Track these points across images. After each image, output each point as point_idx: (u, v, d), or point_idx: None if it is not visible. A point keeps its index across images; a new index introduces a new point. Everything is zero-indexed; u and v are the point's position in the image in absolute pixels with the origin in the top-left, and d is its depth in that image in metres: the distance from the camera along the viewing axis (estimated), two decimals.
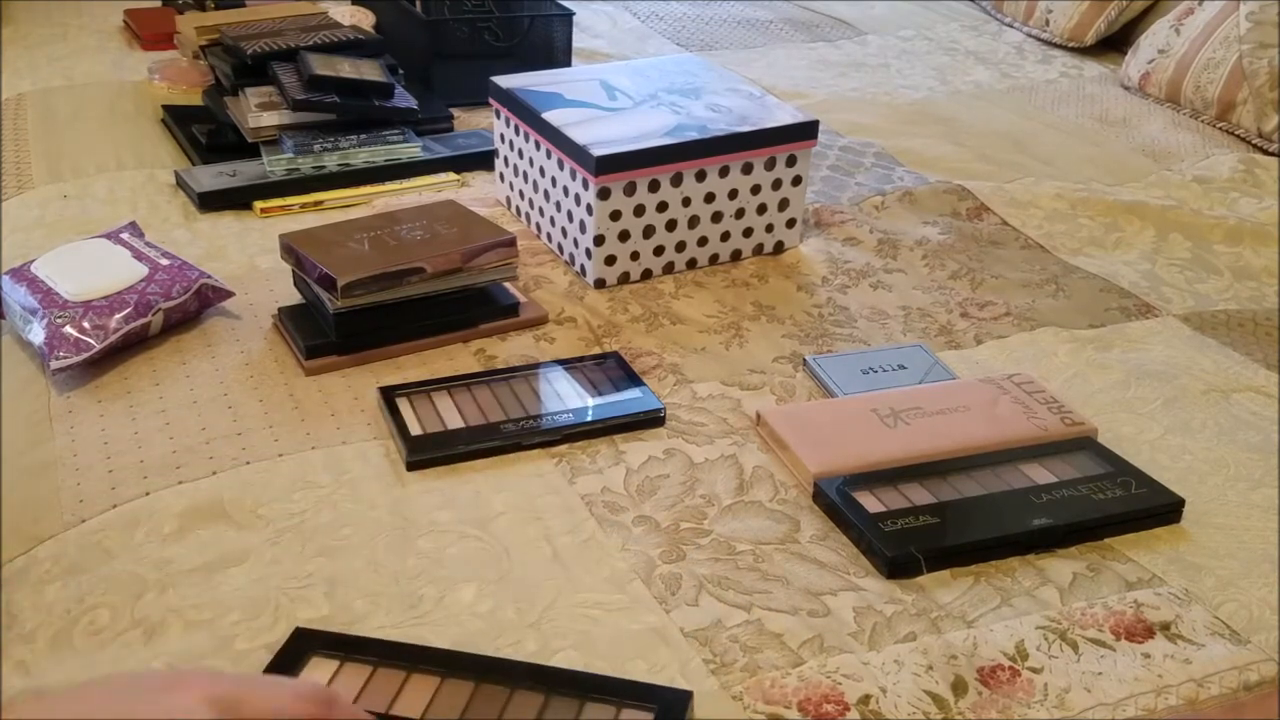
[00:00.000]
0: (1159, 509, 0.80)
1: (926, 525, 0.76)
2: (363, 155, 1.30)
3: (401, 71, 1.43)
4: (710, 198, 1.11)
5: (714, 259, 1.15)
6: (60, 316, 0.93)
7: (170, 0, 1.86)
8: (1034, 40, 1.96)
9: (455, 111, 1.46)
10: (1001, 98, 1.69)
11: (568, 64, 1.60)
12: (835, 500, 0.78)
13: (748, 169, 1.12)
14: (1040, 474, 0.82)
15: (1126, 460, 0.84)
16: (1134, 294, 1.13)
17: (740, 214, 1.14)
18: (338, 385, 0.93)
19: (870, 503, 0.78)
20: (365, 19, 1.70)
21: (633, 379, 0.93)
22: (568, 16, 1.61)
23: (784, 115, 1.14)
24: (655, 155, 1.06)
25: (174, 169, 1.30)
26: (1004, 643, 0.69)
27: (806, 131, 1.14)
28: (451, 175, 1.33)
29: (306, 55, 1.33)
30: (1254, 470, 0.87)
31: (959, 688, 0.66)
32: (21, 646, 0.66)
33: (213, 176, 1.26)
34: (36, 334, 0.92)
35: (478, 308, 1.01)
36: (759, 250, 1.17)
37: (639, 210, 1.08)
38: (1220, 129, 1.56)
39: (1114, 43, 1.88)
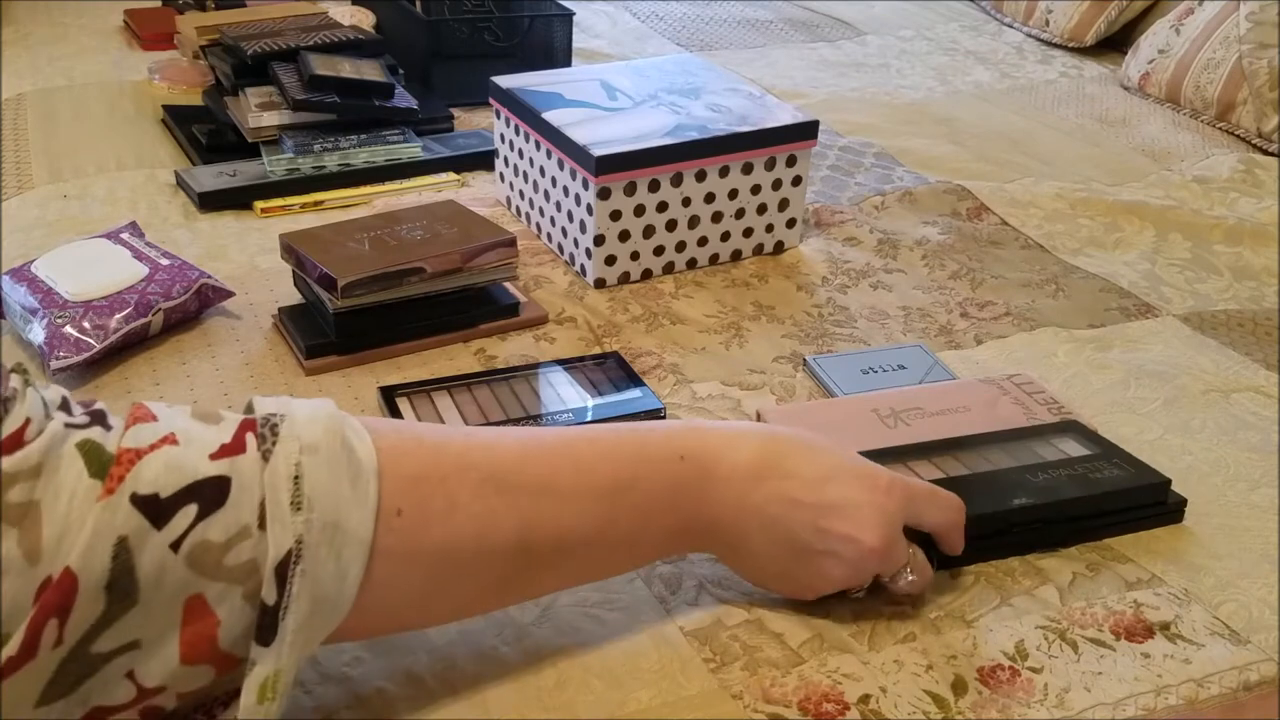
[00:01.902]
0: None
1: None
2: (363, 155, 1.30)
3: (401, 71, 1.43)
4: (710, 198, 1.12)
5: (714, 259, 1.15)
6: (60, 316, 0.93)
7: (170, 0, 1.86)
8: (1034, 40, 1.96)
9: (455, 111, 1.47)
10: (1001, 98, 1.69)
11: (568, 64, 1.60)
12: None
13: (748, 169, 1.12)
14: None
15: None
16: (1134, 294, 1.13)
17: (740, 214, 1.14)
18: (338, 385, 0.93)
19: None
20: (365, 19, 1.70)
21: (633, 379, 0.93)
22: (568, 16, 1.61)
23: (784, 115, 1.14)
24: (655, 155, 1.06)
25: (174, 169, 1.30)
26: (1004, 642, 0.69)
27: (806, 131, 1.14)
28: (451, 175, 1.33)
29: (307, 55, 1.33)
30: (1254, 470, 0.87)
31: (959, 687, 0.66)
32: None
33: (213, 176, 1.26)
34: (36, 334, 0.92)
35: (478, 308, 1.01)
36: (759, 250, 1.17)
37: (639, 210, 1.08)
38: (1220, 129, 1.56)
39: (1114, 43, 1.88)
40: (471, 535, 0.57)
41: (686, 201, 1.10)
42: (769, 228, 1.17)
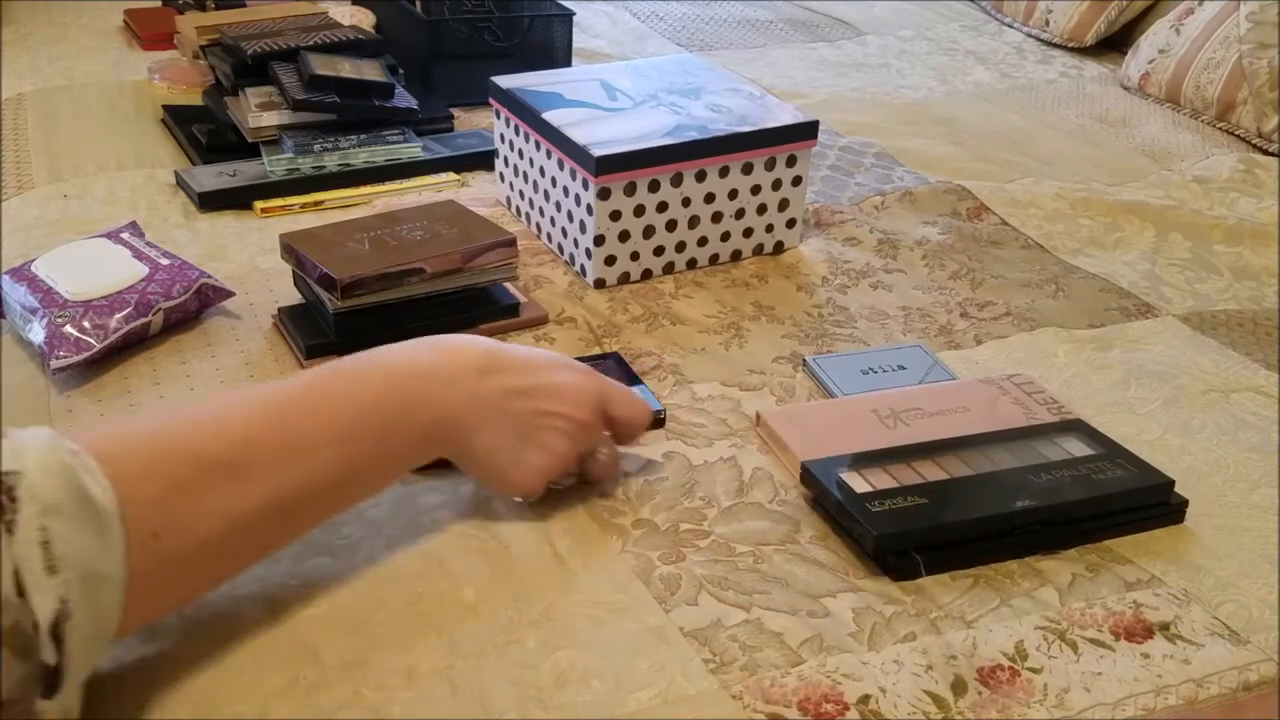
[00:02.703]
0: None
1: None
2: (363, 155, 1.30)
3: (401, 71, 1.43)
4: (710, 198, 1.12)
5: (714, 259, 1.15)
6: (60, 316, 0.93)
7: (170, 0, 1.86)
8: (1034, 40, 1.96)
9: (455, 111, 1.46)
10: (1001, 98, 1.69)
11: (568, 64, 1.60)
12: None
13: (748, 169, 1.12)
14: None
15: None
16: (1134, 294, 1.13)
17: (740, 214, 1.14)
18: None
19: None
20: (365, 19, 1.70)
21: (632, 379, 0.93)
22: (568, 16, 1.61)
23: (784, 115, 1.14)
24: (655, 155, 1.06)
25: (174, 169, 1.30)
26: (1003, 643, 0.69)
27: (806, 131, 1.14)
28: (451, 175, 1.33)
29: (307, 55, 1.33)
30: (1254, 470, 0.87)
31: (959, 688, 0.66)
32: None
33: (213, 176, 1.26)
34: (36, 333, 0.92)
35: (478, 308, 1.01)
36: (759, 250, 1.17)
37: (639, 210, 1.08)
38: (1220, 129, 1.56)
39: (1114, 43, 1.88)
40: (224, 524, 0.61)
41: (686, 201, 1.10)
42: (769, 228, 1.17)
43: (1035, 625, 0.71)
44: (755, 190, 1.14)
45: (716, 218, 1.13)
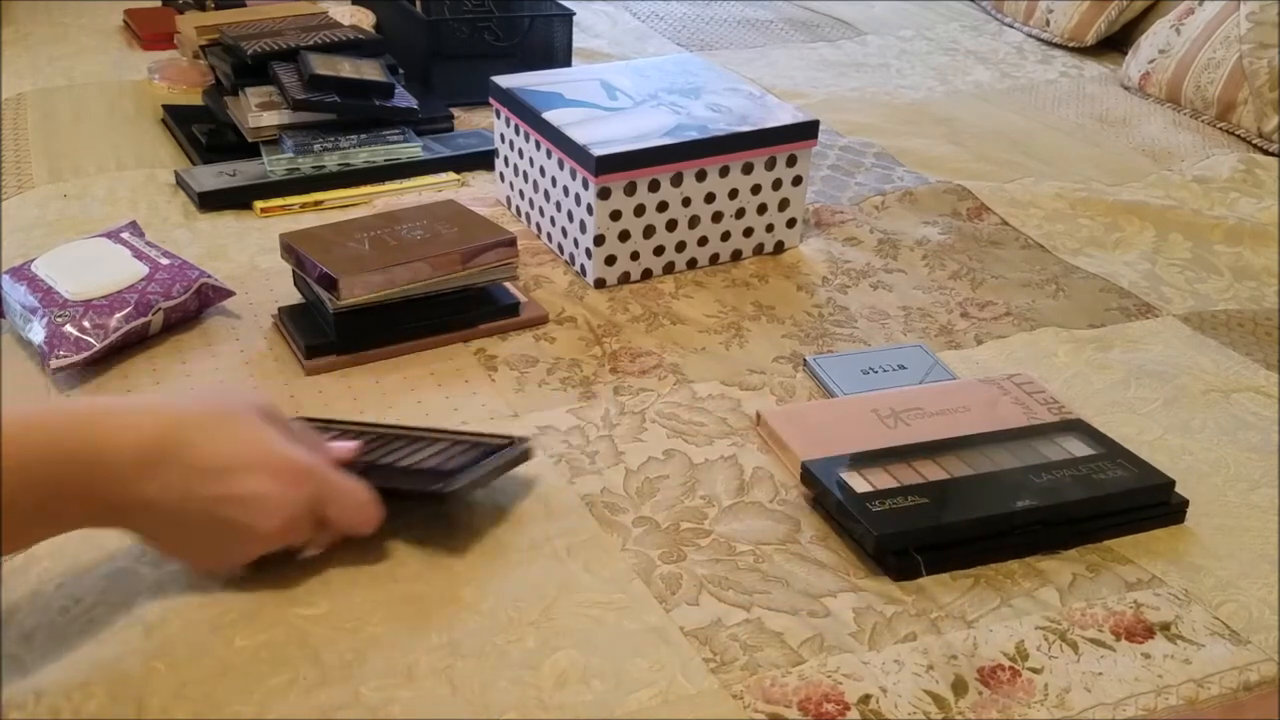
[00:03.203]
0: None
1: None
2: (363, 155, 1.30)
3: (401, 71, 1.43)
4: (710, 198, 1.12)
5: (714, 259, 1.15)
6: (60, 315, 0.93)
7: (170, 0, 1.86)
8: (1034, 40, 1.96)
9: (455, 111, 1.46)
10: (1001, 98, 1.69)
11: (568, 64, 1.60)
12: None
13: (748, 169, 1.12)
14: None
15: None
16: (1134, 294, 1.13)
17: (740, 214, 1.14)
18: (338, 385, 0.93)
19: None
20: (365, 19, 1.70)
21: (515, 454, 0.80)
22: (568, 16, 1.61)
23: (784, 115, 1.14)
24: (655, 155, 1.06)
25: (174, 169, 1.30)
26: (1004, 643, 0.69)
27: (806, 131, 1.14)
28: (451, 175, 1.33)
29: (307, 55, 1.33)
30: (1254, 470, 0.87)
31: (959, 687, 0.66)
32: (20, 644, 0.66)
33: (213, 176, 1.26)
34: (36, 333, 0.92)
35: (478, 308, 1.01)
36: (759, 250, 1.17)
37: (639, 210, 1.08)
38: (1220, 129, 1.56)
39: (1114, 43, 1.88)
40: None
41: (686, 201, 1.10)
42: (769, 228, 1.17)
43: (1036, 625, 0.71)
44: (755, 190, 1.14)
45: (717, 217, 1.13)
